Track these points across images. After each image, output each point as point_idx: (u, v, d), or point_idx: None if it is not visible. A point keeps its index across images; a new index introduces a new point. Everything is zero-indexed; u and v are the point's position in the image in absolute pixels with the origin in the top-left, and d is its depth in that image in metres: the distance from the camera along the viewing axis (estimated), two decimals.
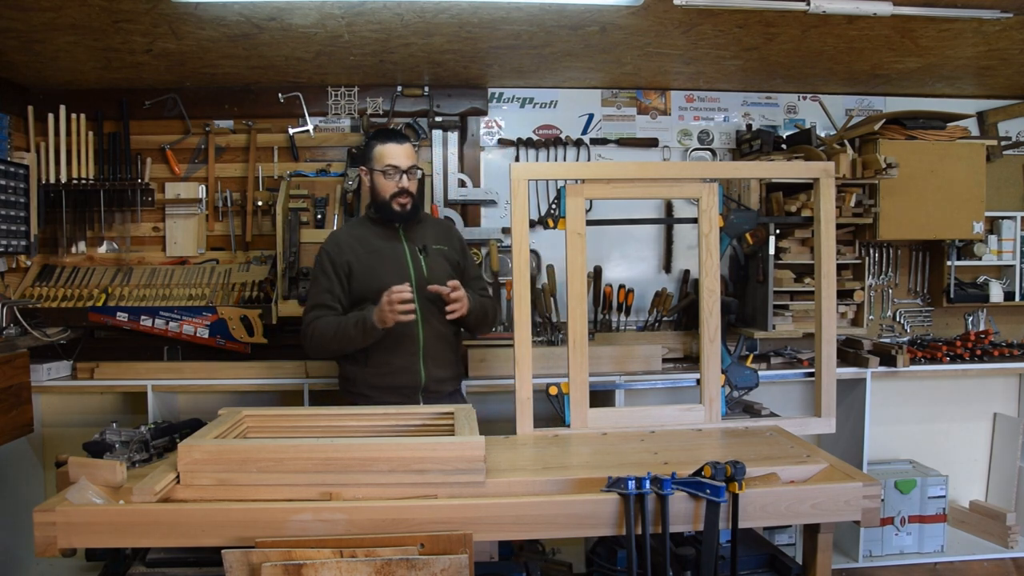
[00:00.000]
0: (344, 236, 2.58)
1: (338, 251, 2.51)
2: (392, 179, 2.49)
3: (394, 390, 2.48)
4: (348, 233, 2.60)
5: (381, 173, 2.50)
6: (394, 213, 2.52)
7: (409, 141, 2.59)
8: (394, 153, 2.50)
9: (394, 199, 2.50)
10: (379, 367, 2.49)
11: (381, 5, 2.54)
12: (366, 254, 2.50)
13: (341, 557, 1.61)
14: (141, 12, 2.54)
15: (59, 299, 3.31)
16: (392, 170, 2.49)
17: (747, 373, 2.50)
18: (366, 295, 2.46)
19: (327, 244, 2.56)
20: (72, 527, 1.66)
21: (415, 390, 2.52)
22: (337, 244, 2.54)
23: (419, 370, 2.50)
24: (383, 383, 2.49)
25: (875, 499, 1.86)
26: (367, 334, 2.38)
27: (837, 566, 3.34)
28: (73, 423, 3.46)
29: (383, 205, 2.53)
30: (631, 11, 2.60)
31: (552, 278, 3.48)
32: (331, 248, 2.53)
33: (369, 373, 2.50)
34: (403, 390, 2.50)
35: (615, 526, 1.78)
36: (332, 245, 2.54)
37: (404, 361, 2.49)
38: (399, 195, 2.50)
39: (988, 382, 3.84)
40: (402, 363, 2.49)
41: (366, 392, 2.51)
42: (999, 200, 3.80)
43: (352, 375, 2.55)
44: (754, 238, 3.03)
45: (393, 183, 2.49)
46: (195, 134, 3.56)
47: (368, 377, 2.50)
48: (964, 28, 2.78)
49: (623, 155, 3.73)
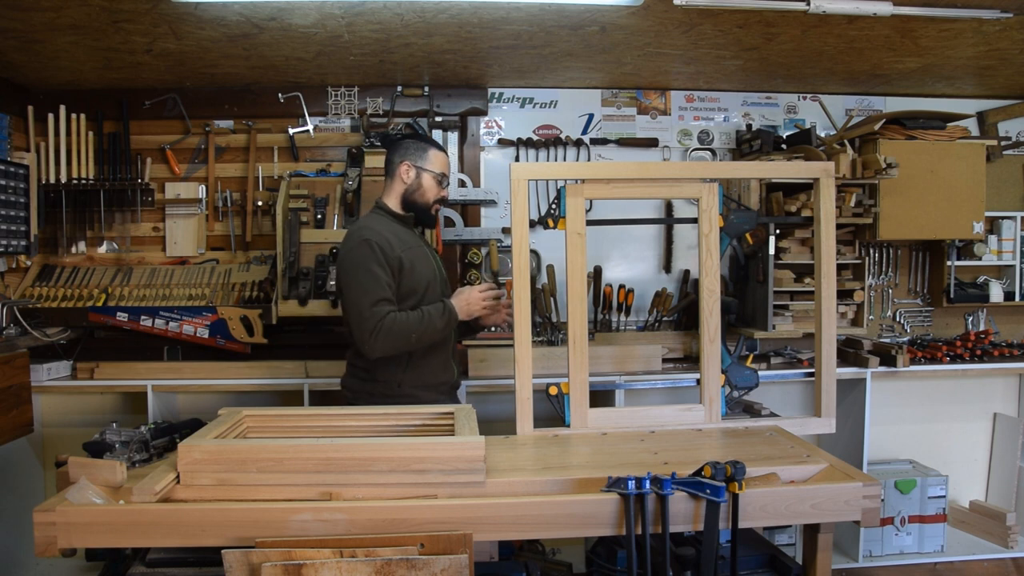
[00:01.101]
0: (385, 231, 2.46)
1: (388, 244, 2.41)
2: (441, 186, 2.58)
3: (435, 387, 2.54)
4: (386, 228, 2.49)
5: (436, 178, 2.56)
6: (430, 217, 2.62)
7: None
8: (447, 164, 2.61)
9: (434, 204, 2.59)
10: (423, 366, 2.51)
11: (381, 5, 2.54)
12: (408, 251, 2.48)
13: (341, 557, 1.61)
14: (141, 12, 2.54)
15: (59, 299, 3.31)
16: (443, 178, 2.59)
17: (747, 373, 2.50)
18: (411, 291, 2.46)
19: (372, 236, 2.41)
20: (72, 527, 1.66)
21: (453, 387, 2.63)
22: (386, 239, 2.42)
23: (452, 367, 2.61)
24: (428, 381, 2.52)
25: (875, 499, 1.86)
26: (450, 325, 2.45)
27: (837, 566, 3.34)
28: (73, 423, 3.46)
29: (423, 206, 2.57)
30: (631, 11, 2.60)
31: (552, 278, 3.48)
32: (382, 243, 2.40)
33: (411, 375, 2.48)
34: (443, 387, 2.57)
35: (615, 526, 1.78)
36: (379, 237, 2.42)
37: (442, 359, 2.56)
38: (440, 202, 2.60)
39: (988, 382, 3.84)
40: (441, 361, 2.55)
41: (411, 392, 2.47)
42: (999, 200, 3.80)
43: (391, 376, 2.46)
44: (754, 238, 3.02)
45: (440, 189, 2.58)
46: (195, 134, 3.56)
47: (414, 377, 2.48)
48: (964, 28, 2.78)
49: (623, 155, 3.73)
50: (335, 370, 3.24)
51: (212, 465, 1.79)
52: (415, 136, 2.71)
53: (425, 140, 2.65)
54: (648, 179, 2.47)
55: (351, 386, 2.54)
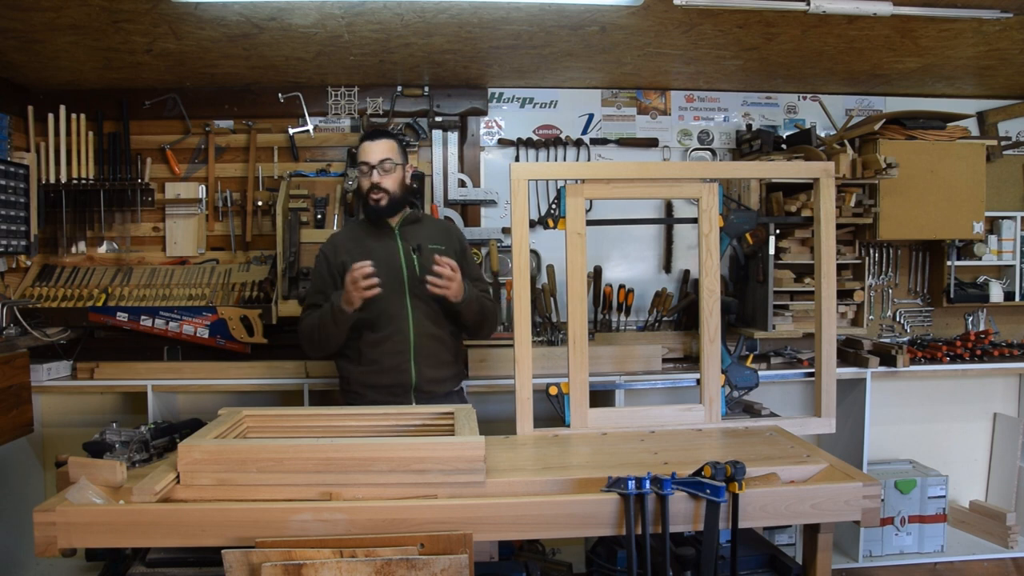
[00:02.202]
0: (340, 237, 2.65)
1: (333, 252, 2.58)
2: (366, 176, 2.53)
3: (385, 389, 2.50)
4: (344, 234, 2.67)
5: (360, 171, 2.56)
6: (370, 208, 2.55)
7: (387, 137, 2.57)
8: (366, 150, 2.53)
9: (369, 195, 2.53)
10: (370, 366, 2.51)
11: (381, 5, 2.54)
12: (360, 254, 2.49)
13: (341, 557, 1.61)
14: (141, 12, 2.54)
15: (59, 299, 3.31)
16: (365, 167, 2.53)
17: (747, 373, 2.50)
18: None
19: (324, 246, 2.64)
20: (72, 527, 1.66)
21: (406, 389, 2.52)
22: (333, 245, 2.61)
23: (410, 369, 2.50)
24: (374, 382, 2.51)
25: (875, 499, 1.86)
26: (338, 319, 2.39)
27: (837, 566, 3.34)
28: (73, 423, 3.46)
29: (364, 201, 2.59)
30: (631, 11, 2.60)
31: (552, 278, 3.48)
32: (327, 249, 2.61)
33: (361, 372, 2.53)
34: (394, 389, 2.50)
35: (615, 526, 1.78)
36: (329, 246, 2.62)
37: (395, 360, 2.50)
38: (372, 190, 2.52)
39: (988, 382, 3.84)
40: (393, 362, 2.50)
41: (358, 390, 2.53)
42: (999, 200, 3.80)
43: (347, 374, 2.59)
44: (754, 238, 3.03)
45: (368, 179, 2.53)
46: (195, 134, 3.56)
47: (360, 376, 2.53)
48: (964, 28, 2.78)
49: (623, 155, 3.73)
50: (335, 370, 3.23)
51: (212, 465, 1.79)
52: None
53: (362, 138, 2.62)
54: (648, 179, 2.48)
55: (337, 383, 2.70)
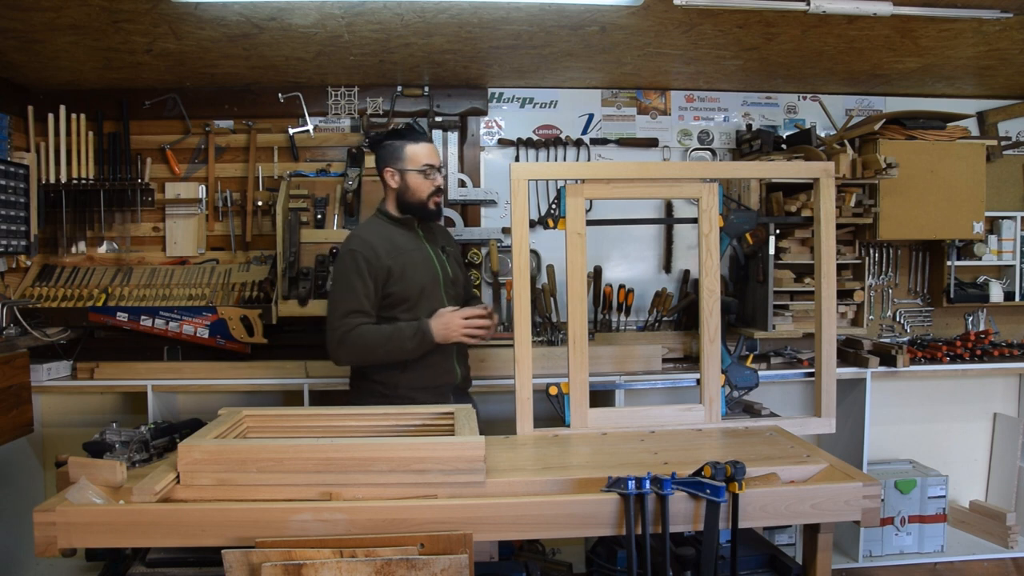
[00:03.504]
0: (374, 238, 2.47)
1: (374, 255, 2.41)
2: (430, 178, 2.50)
3: (434, 390, 2.50)
4: (374, 235, 2.49)
5: (419, 173, 2.48)
6: (430, 212, 2.53)
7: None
8: (429, 152, 2.50)
9: (431, 198, 2.51)
10: (422, 369, 2.47)
11: (381, 5, 2.54)
12: (399, 257, 2.45)
13: (341, 557, 1.61)
14: (141, 12, 2.54)
15: (59, 299, 3.31)
16: (430, 169, 2.49)
17: (747, 373, 2.50)
18: (403, 299, 2.44)
19: (358, 246, 2.43)
20: (72, 527, 1.66)
21: (451, 389, 2.56)
22: (372, 247, 2.43)
23: (454, 369, 2.56)
24: (424, 383, 2.48)
25: (875, 499, 1.86)
26: (422, 343, 2.39)
27: (837, 566, 3.34)
28: (73, 423, 3.46)
29: (418, 205, 2.50)
30: (631, 11, 2.60)
31: (552, 278, 3.48)
32: (366, 251, 2.42)
33: (411, 376, 2.46)
34: (441, 389, 2.53)
35: (615, 526, 1.78)
36: (366, 248, 2.43)
37: (442, 360, 2.51)
38: (435, 194, 2.51)
39: (988, 382, 3.84)
40: (441, 363, 2.52)
41: (407, 395, 2.46)
42: (999, 200, 3.79)
43: (391, 380, 2.47)
44: (754, 238, 3.02)
45: (430, 182, 2.50)
46: (195, 134, 3.56)
47: (410, 380, 2.46)
48: (964, 28, 2.78)
49: (623, 155, 3.73)
50: (335, 370, 3.22)
51: (212, 465, 1.79)
52: (394, 134, 2.56)
53: (402, 136, 2.52)
54: (648, 179, 2.48)
55: (353, 383, 2.60)
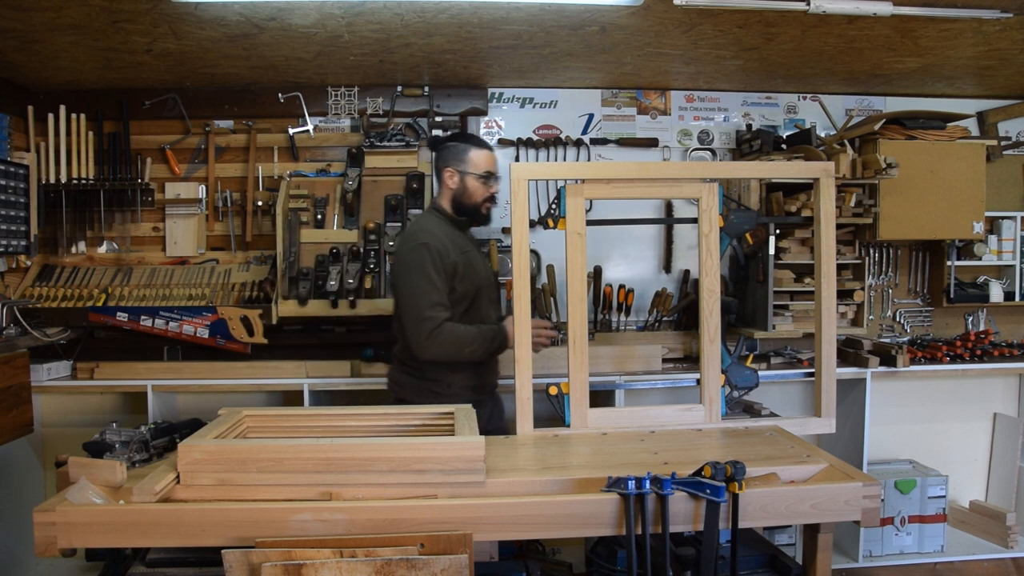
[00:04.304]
0: (439, 235, 2.51)
1: (444, 250, 2.47)
2: (488, 185, 2.60)
3: (482, 388, 2.63)
4: (439, 232, 2.53)
5: (479, 178, 2.58)
6: (482, 217, 2.65)
7: None
8: (492, 161, 2.62)
9: (484, 203, 2.62)
10: (474, 369, 2.58)
11: (381, 5, 2.54)
12: (461, 255, 2.54)
13: (341, 557, 1.61)
14: (141, 12, 2.54)
15: (59, 299, 3.31)
16: (490, 176, 2.60)
17: (747, 373, 2.49)
18: (463, 296, 2.53)
19: (430, 239, 2.46)
20: (72, 527, 1.66)
21: (492, 387, 2.72)
22: (443, 243, 2.48)
23: (497, 368, 2.72)
24: (475, 383, 2.59)
25: (875, 499, 1.86)
26: (498, 348, 2.54)
27: (837, 566, 3.34)
28: (73, 423, 3.46)
29: (473, 208, 2.61)
30: (631, 11, 2.60)
31: (552, 278, 3.48)
32: (438, 244, 2.46)
33: (465, 376, 2.56)
34: (487, 387, 2.68)
35: (615, 526, 1.78)
36: (437, 241, 2.47)
37: (490, 360, 2.65)
38: (489, 200, 2.63)
39: (988, 382, 3.84)
40: (489, 362, 2.65)
41: (459, 392, 2.52)
42: (999, 200, 3.79)
43: (446, 378, 2.53)
44: (754, 238, 3.02)
45: (487, 188, 2.60)
46: (195, 134, 3.56)
47: (462, 380, 2.56)
48: (964, 28, 2.78)
49: (623, 155, 3.73)
50: (335, 370, 3.24)
51: (212, 465, 1.79)
52: (459, 137, 2.68)
53: (467, 140, 2.65)
54: (648, 179, 2.48)
55: (399, 380, 2.62)
